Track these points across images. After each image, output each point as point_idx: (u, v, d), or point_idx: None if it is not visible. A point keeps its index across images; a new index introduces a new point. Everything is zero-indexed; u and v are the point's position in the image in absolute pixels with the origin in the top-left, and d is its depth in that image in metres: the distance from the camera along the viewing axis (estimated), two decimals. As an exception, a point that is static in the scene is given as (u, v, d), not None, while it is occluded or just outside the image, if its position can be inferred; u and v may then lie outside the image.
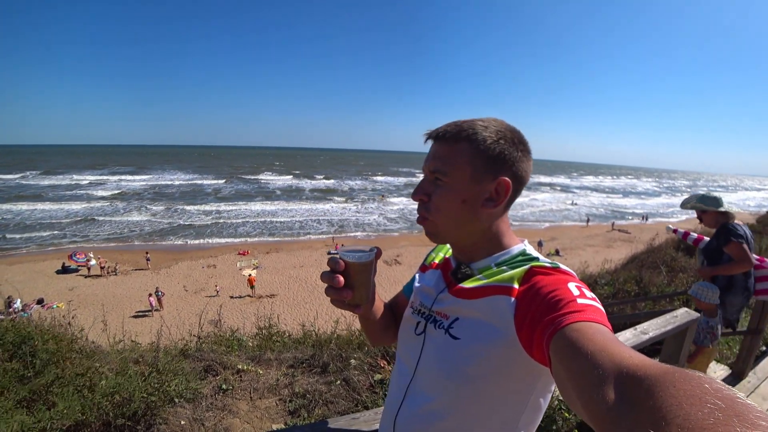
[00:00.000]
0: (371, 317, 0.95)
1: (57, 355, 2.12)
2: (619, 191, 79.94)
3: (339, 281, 0.76)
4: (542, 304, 0.65)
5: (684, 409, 0.32)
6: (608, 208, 52.22)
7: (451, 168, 0.78)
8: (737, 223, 2.98)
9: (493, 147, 0.77)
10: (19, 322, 2.34)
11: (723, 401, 0.32)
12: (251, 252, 24.98)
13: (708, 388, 0.34)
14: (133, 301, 16.99)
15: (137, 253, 23.93)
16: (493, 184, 0.78)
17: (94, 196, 44.78)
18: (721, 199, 3.01)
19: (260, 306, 15.43)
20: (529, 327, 0.65)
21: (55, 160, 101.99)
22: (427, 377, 0.82)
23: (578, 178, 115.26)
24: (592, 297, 0.64)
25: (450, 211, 0.79)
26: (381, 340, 1.06)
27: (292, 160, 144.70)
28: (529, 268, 0.74)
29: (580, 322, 0.56)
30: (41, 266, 21.22)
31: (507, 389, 0.74)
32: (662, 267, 6.89)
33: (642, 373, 0.40)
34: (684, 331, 2.36)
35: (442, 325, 0.81)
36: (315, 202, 46.81)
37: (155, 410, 2.26)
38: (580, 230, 34.76)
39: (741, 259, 2.85)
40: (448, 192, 0.78)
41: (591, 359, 0.48)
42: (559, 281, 0.68)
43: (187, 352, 3.26)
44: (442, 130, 0.80)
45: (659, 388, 0.36)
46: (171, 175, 71.47)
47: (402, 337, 0.94)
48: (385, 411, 0.95)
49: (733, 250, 2.87)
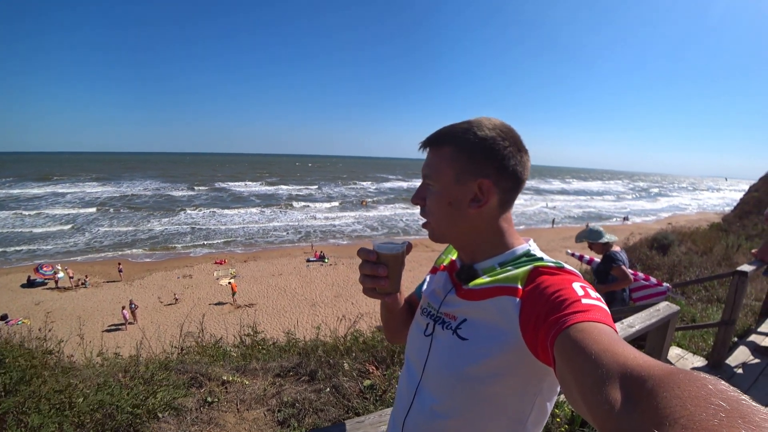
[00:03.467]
0: (395, 308, 1.00)
1: (30, 372, 1.99)
2: (591, 193, 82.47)
3: (379, 271, 0.85)
4: (547, 304, 0.65)
5: (688, 410, 0.32)
6: (584, 210, 53.73)
7: (436, 173, 0.82)
8: (616, 250, 3.83)
9: (474, 148, 0.78)
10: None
11: (727, 402, 0.32)
12: (228, 261, 24.48)
13: (712, 389, 0.34)
14: (104, 314, 16.35)
15: (109, 264, 23.10)
16: (475, 184, 0.79)
17: (59, 206, 43.04)
18: (603, 233, 3.90)
19: (240, 315, 15.11)
20: (534, 327, 0.65)
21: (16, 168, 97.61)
22: (435, 378, 0.82)
23: (548, 180, 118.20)
24: (597, 297, 0.64)
25: (441, 213, 0.83)
26: (399, 336, 1.06)
27: (270, 166, 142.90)
28: (534, 268, 0.74)
29: (584, 322, 0.56)
30: (4, 280, 20.20)
31: (514, 390, 0.74)
32: (637, 265, 7.13)
33: (646, 374, 0.40)
34: (666, 324, 2.45)
35: (450, 326, 0.81)
36: (293, 209, 46.34)
37: (139, 426, 2.16)
38: (556, 232, 35.60)
39: (623, 278, 3.72)
40: (437, 196, 0.82)
41: (595, 359, 0.48)
42: (564, 281, 0.68)
43: (168, 365, 3.13)
44: (431, 136, 0.84)
45: (663, 388, 0.36)
46: (142, 183, 69.40)
47: (411, 338, 0.94)
48: (394, 412, 0.95)
49: (616, 272, 3.73)
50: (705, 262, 7.50)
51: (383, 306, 1.01)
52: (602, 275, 3.91)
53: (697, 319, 5.24)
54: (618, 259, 3.73)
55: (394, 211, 46.93)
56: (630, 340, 2.05)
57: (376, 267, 0.85)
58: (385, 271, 0.85)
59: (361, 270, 0.87)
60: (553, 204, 59.32)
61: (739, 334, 4.40)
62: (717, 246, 8.26)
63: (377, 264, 0.85)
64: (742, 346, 4.10)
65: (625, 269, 3.69)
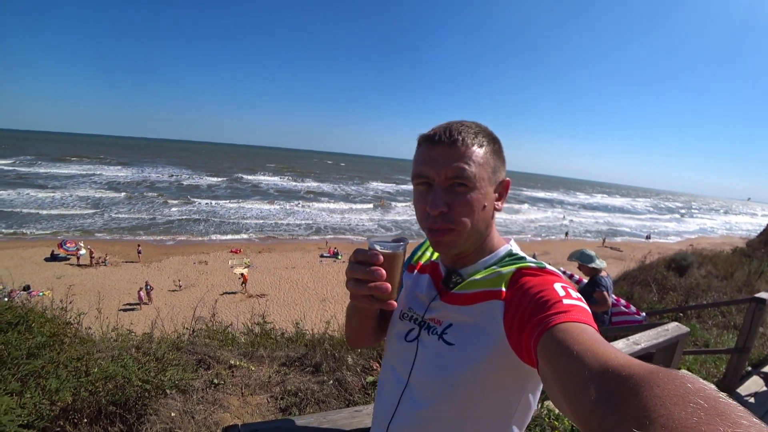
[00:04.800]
0: (372, 312, 0.89)
1: (53, 339, 2.10)
2: (614, 209, 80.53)
3: (382, 274, 0.69)
4: (529, 305, 0.66)
5: (668, 409, 0.33)
6: (604, 226, 52.57)
7: (474, 172, 0.74)
8: (602, 275, 4.18)
9: (496, 149, 0.79)
10: (15, 304, 2.32)
11: (705, 400, 0.32)
12: (243, 251, 24.84)
13: (691, 388, 0.35)
14: (121, 293, 16.81)
15: (128, 245, 23.72)
16: (500, 186, 0.81)
17: (86, 186, 44.40)
18: (594, 258, 4.25)
19: (251, 304, 15.33)
20: (518, 329, 0.66)
21: (44, 147, 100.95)
22: (422, 384, 0.81)
23: (573, 193, 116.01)
24: (578, 297, 0.65)
25: (474, 218, 0.76)
26: (367, 342, 1.00)
27: (288, 161, 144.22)
28: (516, 270, 0.75)
29: (566, 322, 0.57)
30: (29, 253, 20.95)
31: (500, 391, 0.75)
32: (653, 285, 6.99)
33: (626, 373, 0.41)
34: (674, 344, 2.41)
35: (436, 331, 0.81)
36: (310, 204, 46.68)
37: (147, 400, 2.25)
38: (570, 245, 34.99)
39: (602, 303, 4.05)
40: (473, 198, 0.75)
41: (577, 359, 0.49)
42: (546, 282, 0.69)
43: (179, 345, 3.24)
44: (455, 133, 0.75)
45: (643, 387, 0.37)
46: (164, 169, 70.85)
47: (392, 343, 0.92)
48: (376, 419, 0.93)
49: (598, 295, 4.06)
50: (724, 287, 7.29)
51: (355, 310, 0.90)
52: (585, 296, 4.21)
53: (711, 344, 5.10)
54: (602, 284, 4.11)
55: (411, 212, 46.84)
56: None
57: (371, 271, 0.69)
58: (383, 274, 0.71)
59: (355, 274, 0.71)
60: (570, 217, 58.28)
61: (753, 363, 4.28)
62: (738, 271, 8.01)
63: (371, 266, 0.70)
64: (756, 375, 3.99)
65: (606, 295, 4.06)
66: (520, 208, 61.28)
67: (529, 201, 74.92)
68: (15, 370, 1.74)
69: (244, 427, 1.02)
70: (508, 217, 50.13)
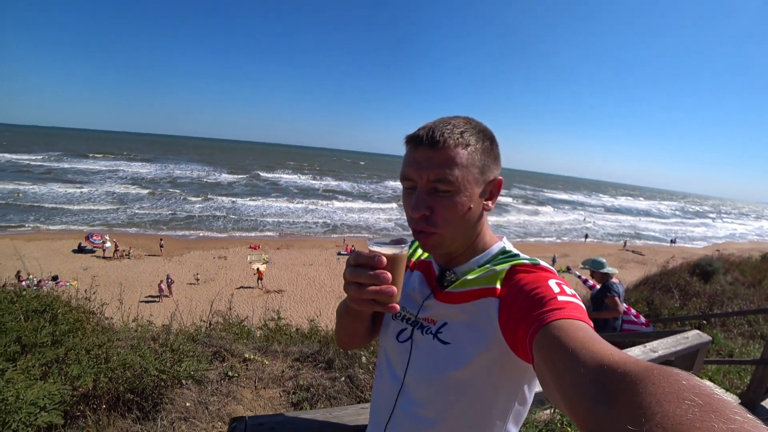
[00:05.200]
0: (366, 313, 0.86)
1: (76, 326, 2.19)
2: (638, 212, 78.36)
3: (388, 277, 0.66)
4: (524, 302, 0.65)
5: (663, 406, 0.33)
6: (627, 229, 51.22)
7: (457, 175, 0.72)
8: (614, 281, 4.23)
9: (486, 147, 0.77)
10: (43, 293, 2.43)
11: (700, 397, 0.33)
12: (262, 247, 25.19)
13: (686, 385, 0.35)
14: (143, 285, 17.28)
15: (151, 239, 24.36)
16: (490, 185, 0.79)
17: (111, 182, 45.78)
18: (605, 264, 4.35)
19: (268, 300, 15.57)
20: (513, 326, 0.66)
21: (71, 144, 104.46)
22: (418, 384, 0.81)
23: (596, 195, 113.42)
24: (573, 294, 0.65)
25: (458, 222, 0.75)
26: (359, 343, 0.97)
27: (308, 159, 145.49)
28: (510, 267, 0.74)
29: (561, 319, 0.57)
30: (58, 245, 21.74)
31: (496, 388, 0.75)
32: (675, 290, 6.78)
33: (622, 370, 0.41)
34: (695, 353, 2.34)
35: (430, 331, 0.80)
36: (328, 202, 46.99)
37: (163, 389, 2.31)
38: (591, 248, 34.28)
39: (613, 308, 4.12)
40: (456, 202, 0.73)
41: (572, 356, 0.49)
42: (540, 279, 0.68)
43: (196, 337, 3.32)
44: (438, 134, 0.72)
45: (639, 385, 0.37)
46: (186, 165, 72.41)
47: (386, 343, 0.91)
48: (373, 419, 0.92)
49: (609, 301, 4.13)
50: (752, 295, 7.01)
51: (348, 311, 0.87)
52: (597, 302, 4.35)
53: (735, 354, 4.93)
54: (613, 290, 4.15)
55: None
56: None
57: (376, 275, 0.65)
58: (389, 278, 0.66)
59: (359, 278, 0.66)
60: (592, 219, 57.03)
61: (780, 375, 4.11)
62: (767, 279, 7.72)
63: (376, 269, 0.66)
64: (782, 387, 3.83)
65: (617, 300, 4.10)
66: (540, 209, 60.34)
67: (550, 203, 73.66)
68: (40, 356, 1.82)
69: (252, 419, 1.04)
70: (528, 219, 49.44)
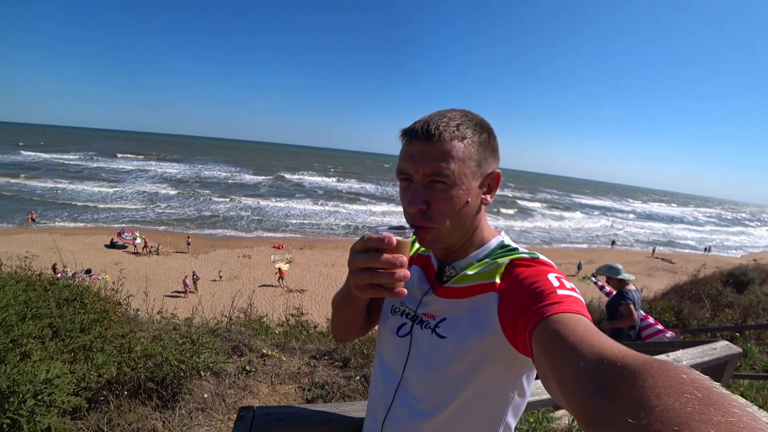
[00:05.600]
0: (362, 303, 0.87)
1: (103, 315, 2.29)
2: (671, 219, 75.33)
3: (404, 260, 0.65)
4: (523, 296, 0.65)
5: (662, 400, 0.33)
6: (658, 236, 49.36)
7: (453, 169, 0.71)
8: (629, 288, 4.13)
9: (483, 140, 0.76)
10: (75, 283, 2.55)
11: (700, 391, 0.33)
12: (285, 247, 25.55)
13: (685, 378, 0.35)
14: (170, 281, 17.81)
15: (179, 237, 25.07)
16: (488, 178, 0.78)
17: (142, 181, 47.49)
18: (621, 270, 4.22)
19: (289, 298, 15.78)
20: (512, 320, 0.66)
21: (105, 144, 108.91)
22: (417, 378, 0.81)
23: (626, 201, 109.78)
24: (572, 287, 0.65)
25: (455, 216, 0.74)
26: (356, 334, 0.98)
27: (332, 161, 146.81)
28: (510, 261, 0.74)
29: (561, 313, 0.57)
30: (92, 239, 22.68)
31: (495, 382, 0.75)
32: (706, 300, 6.50)
33: (621, 364, 0.41)
34: (723, 365, 2.24)
35: (429, 325, 0.80)
36: (352, 204, 47.29)
37: (182, 380, 2.39)
38: (618, 255, 33.22)
39: (628, 316, 4.03)
40: (453, 195, 0.73)
41: (572, 350, 0.49)
42: (539, 272, 0.68)
43: (217, 331, 3.40)
44: (433, 127, 0.72)
45: (638, 378, 0.38)
46: (214, 166, 74.22)
47: (384, 338, 0.91)
48: (370, 414, 0.92)
49: (624, 309, 4.04)
50: (791, 307, 6.65)
51: (345, 301, 0.87)
52: (612, 310, 4.26)
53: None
54: (628, 297, 4.05)
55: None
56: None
57: (394, 259, 0.64)
58: (405, 261, 0.66)
59: (371, 263, 0.64)
60: (620, 225, 55.27)
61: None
62: (809, 292, 7.29)
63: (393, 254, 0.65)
64: (821, 406, 3.62)
65: (632, 308, 3.99)
66: (567, 215, 58.95)
67: (577, 207, 71.83)
68: (68, 341, 1.91)
69: (259, 409, 1.06)
70: (553, 224, 48.38)
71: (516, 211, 54.64)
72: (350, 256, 0.69)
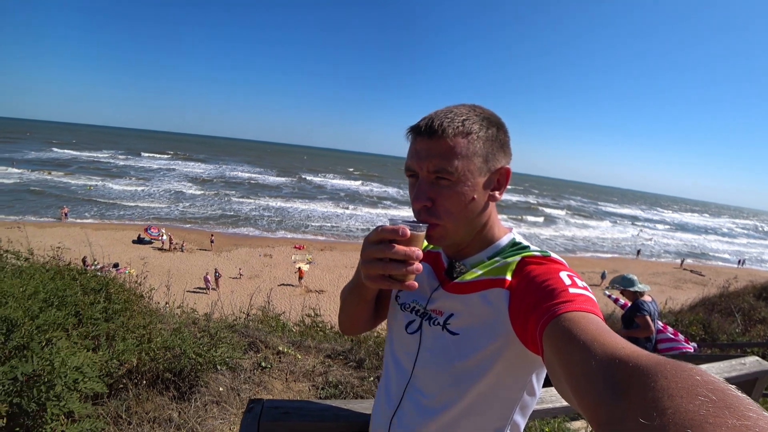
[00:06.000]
0: (371, 295, 0.87)
1: (126, 305, 2.37)
2: (703, 229, 72.44)
3: (419, 254, 0.66)
4: (535, 294, 0.64)
5: (675, 401, 0.32)
6: (690, 247, 47.58)
7: (456, 165, 0.70)
8: (644, 299, 4.07)
9: (491, 135, 0.74)
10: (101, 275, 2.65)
11: (714, 393, 0.32)
12: (306, 247, 25.83)
13: (700, 380, 0.34)
14: (193, 277, 18.25)
15: (203, 234, 25.69)
16: (496, 174, 0.76)
17: (169, 179, 48.96)
18: (636, 281, 4.18)
19: (308, 298, 15.94)
20: (523, 317, 0.65)
21: (134, 143, 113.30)
22: (427, 374, 0.81)
23: (657, 210, 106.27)
24: (584, 286, 0.64)
25: (462, 212, 0.74)
26: (362, 328, 0.98)
27: (354, 163, 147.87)
28: (521, 259, 0.73)
29: (572, 311, 0.56)
30: (120, 235, 23.49)
31: (505, 379, 0.73)
32: (737, 314, 6.21)
33: (634, 364, 0.40)
34: (752, 382, 2.12)
35: (438, 322, 0.79)
36: (374, 206, 47.45)
37: (199, 372, 2.44)
38: (643, 265, 32.18)
39: (644, 328, 3.96)
40: (458, 192, 0.72)
41: (583, 349, 0.48)
42: (551, 270, 0.67)
43: (234, 327, 3.46)
44: (437, 123, 0.71)
45: (651, 379, 0.36)
46: (238, 167, 75.81)
47: (394, 334, 0.91)
48: (379, 410, 0.91)
49: (640, 320, 3.99)
50: (832, 325, 6.29)
51: (353, 294, 0.88)
52: (627, 321, 4.22)
53: (808, 389, 4.42)
54: (643, 308, 4.00)
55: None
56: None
57: (410, 250, 0.65)
58: (420, 254, 0.67)
59: (384, 253, 0.65)
60: (648, 235, 53.52)
61: None
62: None
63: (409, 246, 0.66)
64: None
65: (648, 320, 3.94)
66: (592, 223, 57.56)
67: (603, 215, 70.06)
68: (92, 328, 1.98)
69: (269, 402, 1.07)
70: (578, 232, 47.29)
71: (541, 219, 53.70)
72: (363, 246, 0.69)
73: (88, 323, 1.97)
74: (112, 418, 2.01)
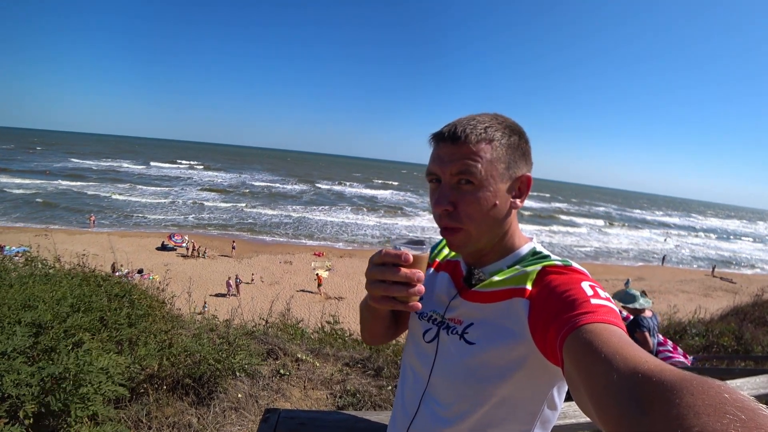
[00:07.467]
0: (385, 313, 0.89)
1: (149, 311, 2.41)
2: (737, 235, 69.48)
3: (421, 276, 0.67)
4: (556, 304, 0.63)
5: (701, 419, 0.30)
6: (721, 253, 45.72)
7: (480, 170, 0.71)
8: (644, 316, 4.07)
9: (513, 143, 0.75)
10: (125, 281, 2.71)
11: (744, 412, 0.30)
12: (326, 254, 25.99)
13: (728, 398, 0.32)
14: (214, 283, 18.58)
15: (225, 241, 26.16)
16: (517, 181, 0.77)
17: (190, 187, 50.28)
18: (637, 298, 4.19)
19: (327, 305, 16.00)
20: (543, 328, 0.63)
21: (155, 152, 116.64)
22: (443, 384, 0.79)
23: (688, 216, 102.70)
24: (606, 297, 0.62)
25: (483, 217, 0.73)
26: (382, 339, 0.99)
27: (374, 171, 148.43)
28: (542, 268, 0.72)
29: (594, 323, 0.55)
30: (145, 242, 24.14)
31: (524, 391, 0.71)
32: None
33: (658, 379, 0.38)
34: (794, 399, 2.00)
35: (456, 331, 0.78)
36: (394, 215, 47.40)
37: (218, 379, 2.46)
38: (671, 272, 31.06)
39: (643, 344, 3.89)
40: (480, 197, 0.72)
41: (605, 362, 0.47)
42: (573, 281, 0.66)
43: (254, 334, 3.49)
44: (460, 129, 0.72)
45: (676, 395, 0.35)
46: (258, 175, 77.31)
47: (411, 343, 0.91)
48: (396, 420, 0.91)
49: (639, 336, 3.94)
50: None
51: (369, 309, 0.87)
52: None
53: None
54: (642, 325, 4.02)
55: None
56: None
57: (411, 274, 0.66)
58: (422, 276, 0.68)
59: (385, 276, 0.66)
60: (675, 241, 51.73)
61: None
62: None
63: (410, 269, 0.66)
64: None
65: (647, 336, 3.95)
66: (616, 229, 56.06)
67: (629, 221, 68.13)
68: (115, 333, 2.03)
69: (285, 411, 1.07)
70: (601, 237, 46.13)
71: (565, 226, 52.61)
72: (368, 267, 0.70)
73: (112, 328, 2.02)
74: (133, 422, 2.05)
